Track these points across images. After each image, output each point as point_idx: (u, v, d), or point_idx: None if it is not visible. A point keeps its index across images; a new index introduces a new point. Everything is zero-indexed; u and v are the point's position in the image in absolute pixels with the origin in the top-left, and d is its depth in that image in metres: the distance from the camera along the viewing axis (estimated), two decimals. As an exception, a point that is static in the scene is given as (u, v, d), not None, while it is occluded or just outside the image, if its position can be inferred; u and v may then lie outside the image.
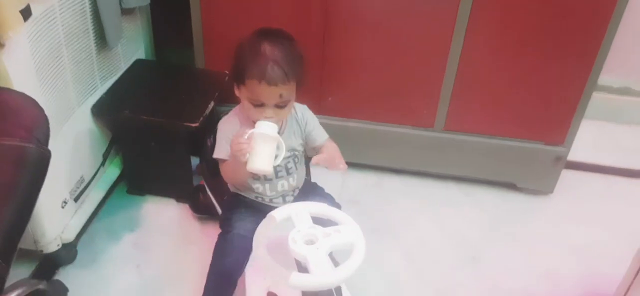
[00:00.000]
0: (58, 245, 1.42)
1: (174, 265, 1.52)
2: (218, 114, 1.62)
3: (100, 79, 1.56)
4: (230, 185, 1.36)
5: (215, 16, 1.62)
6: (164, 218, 1.67)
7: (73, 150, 1.46)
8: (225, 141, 1.23)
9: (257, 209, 1.28)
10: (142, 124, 1.55)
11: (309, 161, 1.28)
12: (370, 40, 1.60)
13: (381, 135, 1.76)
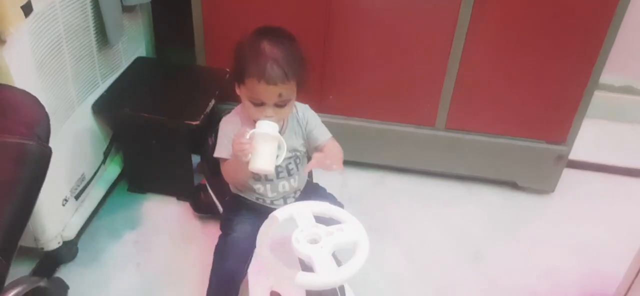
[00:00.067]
0: (59, 243, 1.42)
1: (175, 264, 1.52)
2: (219, 112, 1.62)
3: (101, 77, 1.56)
4: (231, 186, 1.35)
5: (216, 14, 1.62)
6: (165, 216, 1.67)
7: (74, 148, 1.46)
8: (226, 140, 1.22)
9: (258, 211, 1.27)
10: (143, 122, 1.55)
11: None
12: (371, 38, 1.60)
13: (382, 133, 1.76)
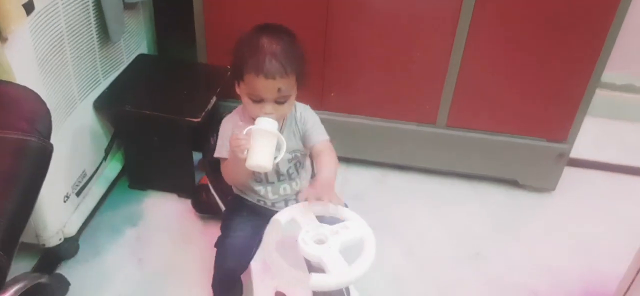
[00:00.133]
0: (60, 239, 1.43)
1: (176, 260, 1.52)
2: (220, 109, 1.62)
3: (102, 74, 1.56)
4: (233, 187, 1.34)
5: (217, 11, 1.62)
6: (166, 213, 1.67)
7: (75, 145, 1.46)
8: (226, 140, 1.21)
9: (259, 213, 1.27)
10: (144, 119, 1.55)
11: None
12: (373, 36, 1.60)
13: (384, 131, 1.76)
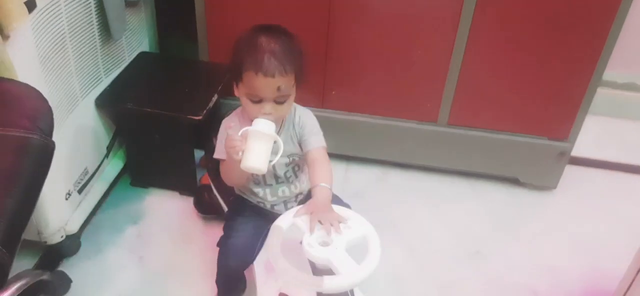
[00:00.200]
0: (62, 237, 1.43)
1: (177, 257, 1.53)
2: (222, 107, 1.63)
3: (104, 71, 1.56)
4: (234, 188, 1.34)
5: (219, 8, 1.62)
6: (168, 210, 1.67)
7: (77, 142, 1.46)
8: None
9: (260, 214, 1.28)
10: (146, 117, 1.56)
11: None
12: (374, 34, 1.60)
13: (385, 129, 1.76)
